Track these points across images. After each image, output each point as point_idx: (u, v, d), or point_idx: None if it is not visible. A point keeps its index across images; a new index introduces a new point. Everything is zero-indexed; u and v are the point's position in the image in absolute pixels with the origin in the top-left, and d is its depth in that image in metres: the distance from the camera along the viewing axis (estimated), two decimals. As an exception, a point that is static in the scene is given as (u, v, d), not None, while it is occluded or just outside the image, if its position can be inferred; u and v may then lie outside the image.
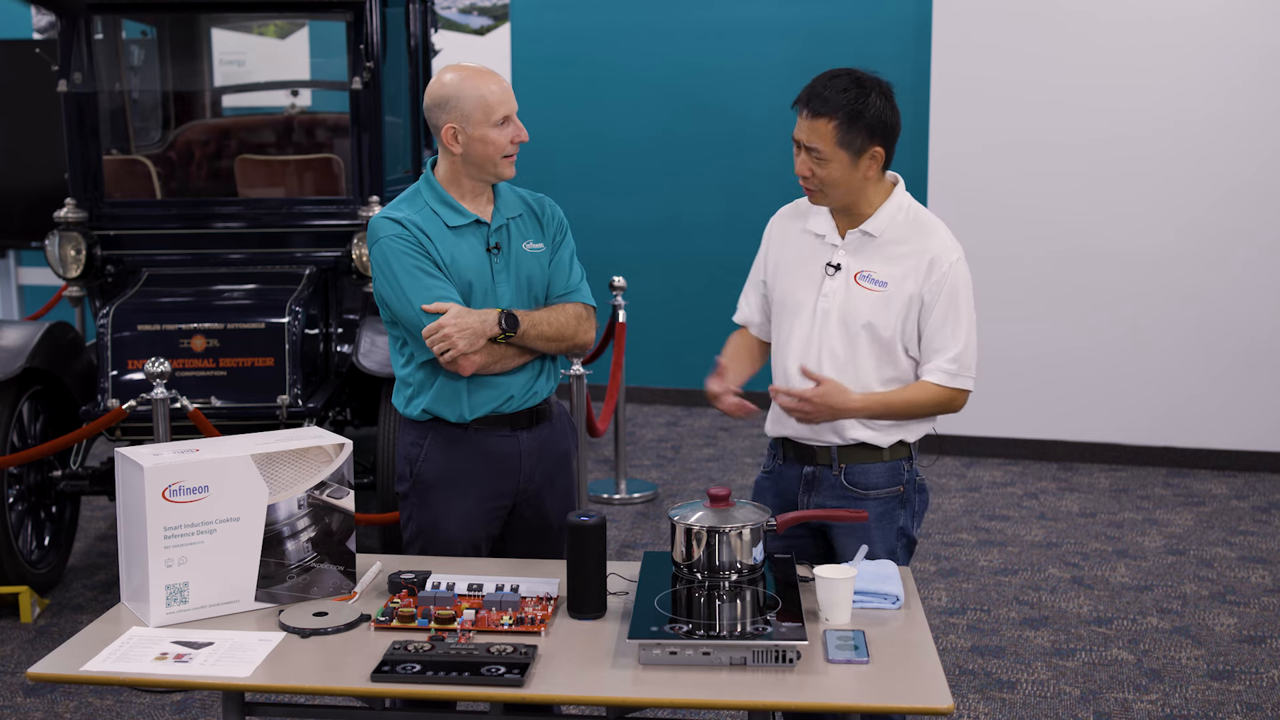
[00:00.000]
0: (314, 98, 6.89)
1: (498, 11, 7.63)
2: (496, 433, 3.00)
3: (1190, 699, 3.90)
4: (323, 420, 4.74)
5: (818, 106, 2.77)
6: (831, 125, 2.76)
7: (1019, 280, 6.32)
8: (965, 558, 5.13)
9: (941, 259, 2.85)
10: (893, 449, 2.93)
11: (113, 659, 2.36)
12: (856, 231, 2.89)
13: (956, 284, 2.85)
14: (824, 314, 2.88)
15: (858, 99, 2.76)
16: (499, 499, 3.04)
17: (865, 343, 2.86)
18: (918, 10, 6.92)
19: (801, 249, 2.96)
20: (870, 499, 2.92)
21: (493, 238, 2.98)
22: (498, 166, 2.94)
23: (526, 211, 3.06)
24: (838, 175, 2.81)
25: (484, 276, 2.95)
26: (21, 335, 4.59)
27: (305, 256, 4.98)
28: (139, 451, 2.53)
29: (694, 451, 6.66)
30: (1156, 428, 6.33)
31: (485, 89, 2.89)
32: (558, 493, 3.12)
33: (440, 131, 2.92)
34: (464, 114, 2.89)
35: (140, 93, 5.89)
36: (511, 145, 2.93)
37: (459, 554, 2.98)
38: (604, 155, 7.49)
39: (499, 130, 2.90)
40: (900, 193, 2.92)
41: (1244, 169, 6.07)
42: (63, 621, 4.49)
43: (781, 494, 2.99)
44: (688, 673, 2.28)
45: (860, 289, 2.86)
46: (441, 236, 2.93)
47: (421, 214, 2.95)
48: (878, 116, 2.78)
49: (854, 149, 2.78)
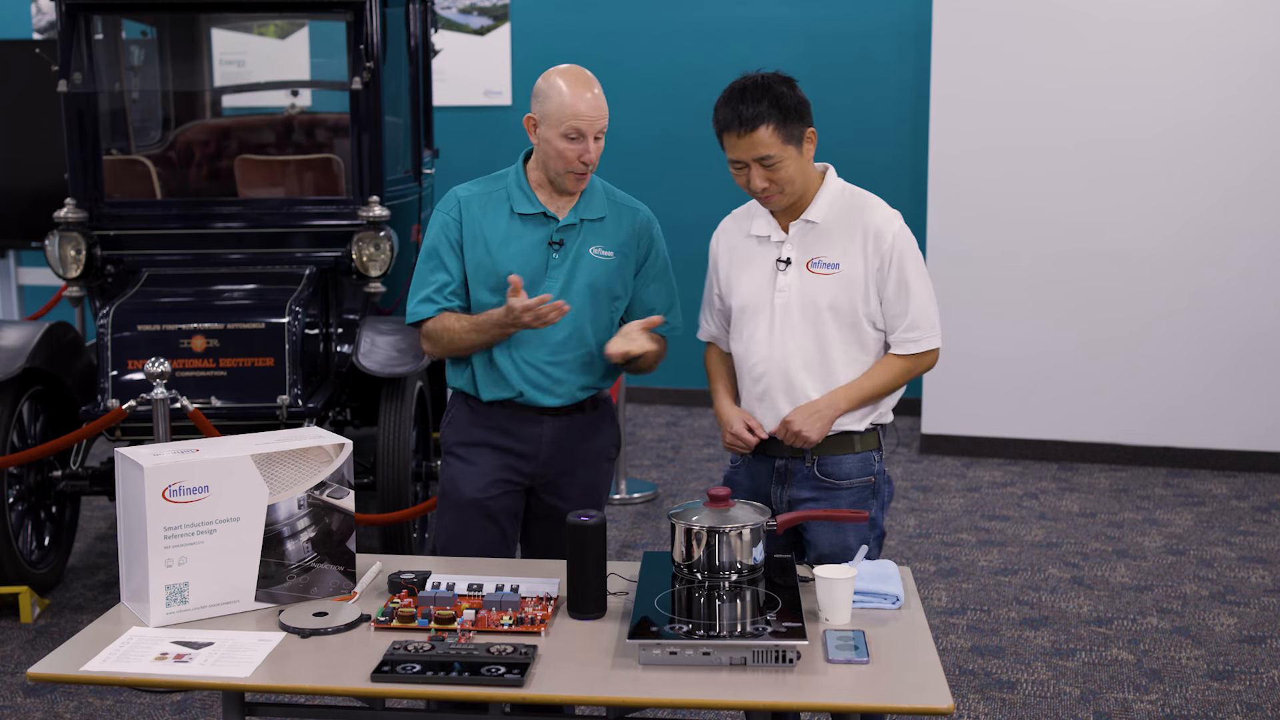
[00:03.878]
0: (314, 98, 6.89)
1: (498, 11, 7.63)
2: (520, 415, 3.05)
3: (1190, 699, 3.90)
4: (323, 420, 4.73)
5: (748, 121, 2.80)
6: (770, 128, 2.80)
7: (1019, 280, 6.32)
8: (965, 558, 5.13)
9: (885, 231, 2.90)
10: (864, 438, 2.96)
11: (113, 659, 2.35)
12: (799, 222, 2.93)
13: (903, 252, 2.90)
14: (783, 308, 2.92)
15: (774, 97, 2.81)
16: (514, 474, 3.07)
17: (830, 325, 2.90)
18: (918, 11, 6.92)
19: (749, 254, 3.00)
20: (843, 489, 2.95)
21: (558, 234, 2.99)
22: (560, 177, 2.97)
23: (612, 216, 3.07)
24: (793, 169, 2.85)
25: (532, 268, 2.97)
26: (21, 335, 4.59)
27: (305, 257, 4.98)
28: (139, 451, 2.53)
29: (694, 451, 6.66)
30: (1156, 428, 6.33)
31: (571, 97, 2.89)
32: (578, 487, 3.12)
33: (526, 119, 2.97)
34: (544, 112, 2.92)
35: (140, 93, 5.89)
36: (579, 162, 2.93)
37: (476, 517, 3.04)
38: (604, 155, 7.46)
39: (567, 142, 2.91)
40: (833, 178, 2.98)
41: (1244, 169, 6.07)
42: (63, 621, 4.49)
43: (754, 488, 3.00)
44: (688, 673, 2.28)
45: (814, 276, 2.91)
46: (502, 219, 2.99)
47: (494, 195, 3.02)
48: (796, 100, 2.84)
49: (795, 138, 2.84)
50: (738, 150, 2.84)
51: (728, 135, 2.84)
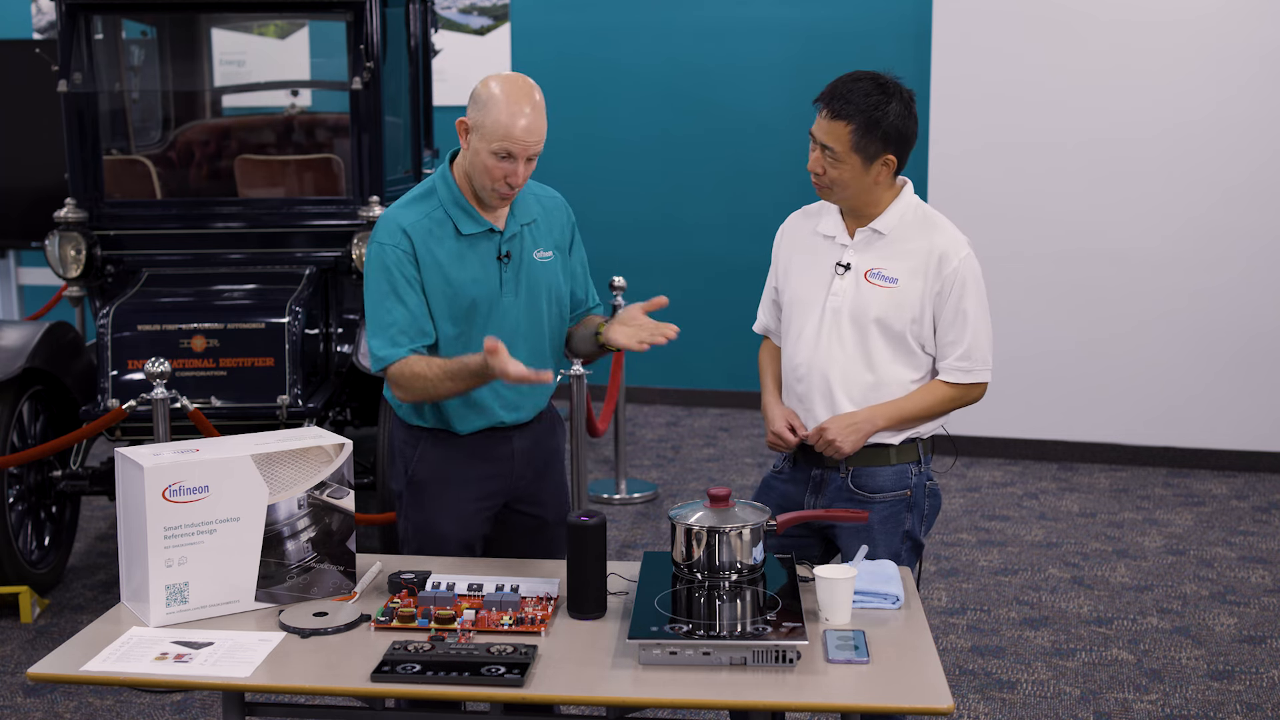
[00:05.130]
0: (314, 98, 6.89)
1: (498, 11, 7.63)
2: (491, 438, 2.99)
3: (1190, 699, 3.90)
4: (323, 420, 4.73)
5: (838, 108, 2.78)
6: (848, 129, 2.78)
7: (1019, 280, 6.32)
8: (965, 558, 5.13)
9: (951, 255, 2.87)
10: (901, 450, 2.93)
11: (113, 659, 2.35)
12: (865, 230, 2.91)
13: (965, 279, 2.87)
14: (834, 312, 2.90)
15: (878, 105, 2.77)
16: (492, 498, 3.03)
17: (877, 337, 2.87)
18: (918, 11, 6.92)
19: (812, 250, 2.97)
20: (876, 502, 2.92)
21: (504, 246, 2.91)
22: (484, 191, 2.84)
23: (542, 216, 2.99)
24: (848, 177, 2.83)
25: (489, 287, 2.89)
26: (21, 335, 4.59)
27: (305, 256, 4.98)
28: (139, 451, 2.53)
29: (694, 451, 6.66)
30: (1156, 428, 6.33)
31: (509, 114, 2.73)
32: (550, 488, 3.11)
33: (459, 122, 2.85)
34: (478, 122, 2.79)
35: (140, 93, 5.89)
36: (504, 183, 2.79)
37: (452, 553, 2.97)
38: (604, 155, 7.49)
39: (495, 160, 2.77)
40: (909, 193, 2.95)
41: (1244, 169, 6.07)
42: (63, 621, 4.49)
43: (787, 494, 3.00)
44: (688, 673, 2.28)
45: (870, 286, 2.88)
46: (449, 244, 2.87)
47: (434, 217, 2.87)
48: (895, 125, 2.79)
49: (868, 155, 2.80)
50: (816, 125, 2.82)
51: (819, 107, 2.82)
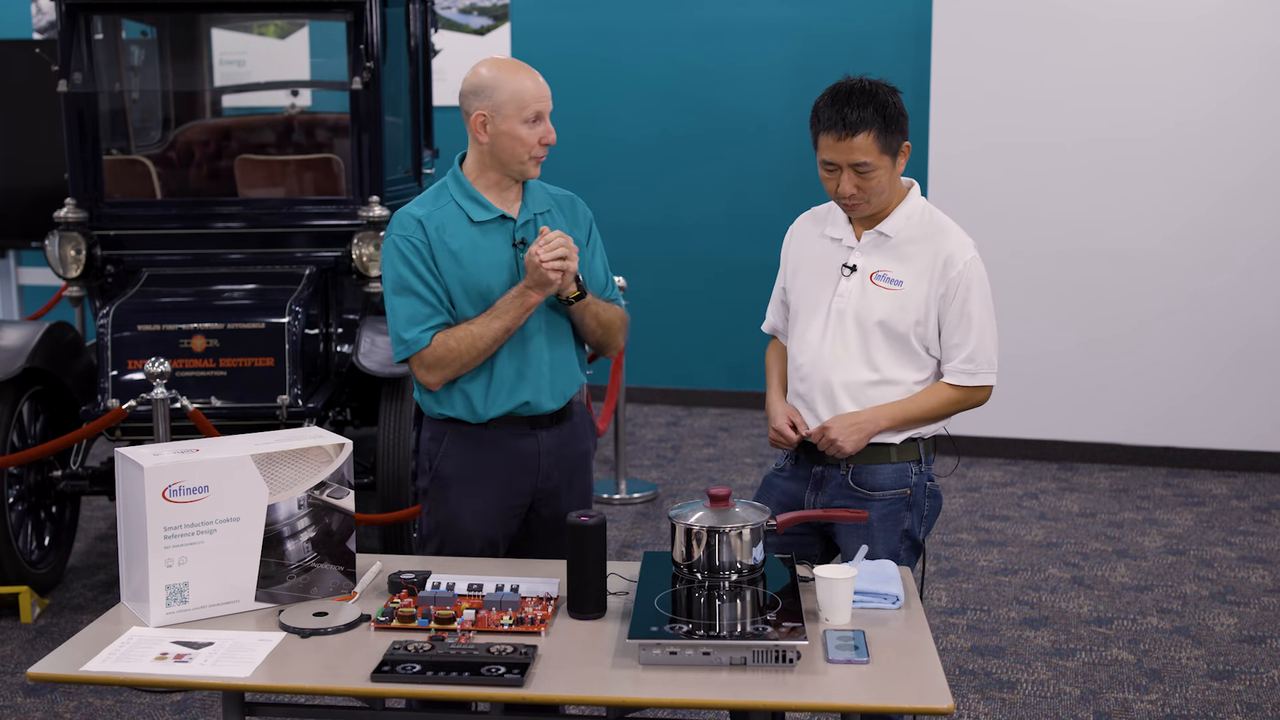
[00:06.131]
0: (314, 98, 6.89)
1: (498, 11, 7.63)
2: (516, 431, 2.99)
3: (1190, 699, 3.90)
4: (323, 420, 4.74)
5: (853, 123, 2.78)
6: (871, 136, 2.79)
7: (1018, 280, 6.32)
8: (965, 558, 5.13)
9: (957, 258, 2.88)
10: (902, 449, 2.93)
11: (113, 659, 2.35)
12: (872, 233, 2.93)
13: (970, 282, 2.88)
14: (839, 313, 2.91)
15: (881, 103, 2.80)
16: (517, 497, 3.03)
17: (880, 339, 2.89)
18: (918, 11, 6.92)
19: (819, 252, 2.99)
20: (875, 500, 2.93)
21: (518, 233, 2.96)
22: (523, 165, 2.92)
23: (555, 208, 3.03)
24: (884, 180, 2.85)
25: (506, 274, 2.92)
26: (21, 335, 4.59)
27: (305, 256, 4.98)
28: (139, 451, 2.53)
29: (694, 451, 6.66)
30: (1156, 428, 6.33)
31: (522, 83, 2.87)
32: (575, 492, 3.11)
33: (470, 119, 2.90)
34: (496, 105, 2.86)
35: (140, 93, 5.89)
36: (539, 146, 2.91)
37: (475, 551, 2.98)
38: (604, 155, 7.49)
39: (529, 128, 2.87)
40: (916, 195, 2.97)
41: (1244, 169, 6.07)
42: (63, 621, 4.49)
43: (788, 491, 3.01)
44: (688, 673, 2.28)
45: (876, 288, 2.90)
46: (464, 233, 2.91)
47: (446, 210, 2.93)
48: (899, 110, 2.84)
49: (893, 150, 2.84)
50: (834, 152, 2.81)
51: (826, 136, 2.81)
